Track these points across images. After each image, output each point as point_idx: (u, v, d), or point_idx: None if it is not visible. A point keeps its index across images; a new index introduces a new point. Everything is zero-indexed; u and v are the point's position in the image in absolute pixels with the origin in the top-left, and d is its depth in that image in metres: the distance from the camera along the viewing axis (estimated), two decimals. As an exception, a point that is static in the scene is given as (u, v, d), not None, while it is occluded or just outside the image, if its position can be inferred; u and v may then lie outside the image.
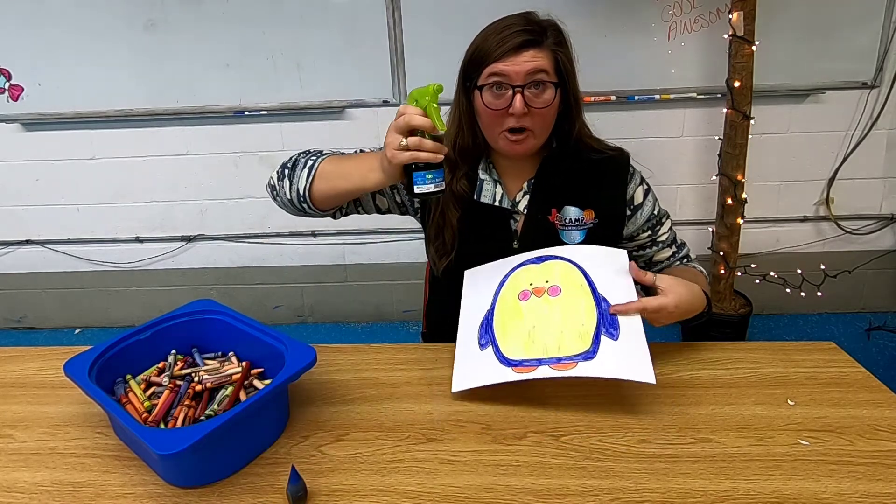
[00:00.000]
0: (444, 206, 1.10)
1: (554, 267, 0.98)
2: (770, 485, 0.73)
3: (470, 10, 2.11)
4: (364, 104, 2.32)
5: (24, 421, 0.91)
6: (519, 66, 0.97)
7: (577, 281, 0.95)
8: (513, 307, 0.96)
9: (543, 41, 0.98)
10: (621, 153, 1.13)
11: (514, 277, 1.00)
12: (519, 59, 0.97)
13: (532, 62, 0.97)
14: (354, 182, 0.97)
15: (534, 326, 0.92)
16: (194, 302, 1.01)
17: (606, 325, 0.89)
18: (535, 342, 0.90)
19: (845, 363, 0.98)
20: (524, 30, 0.97)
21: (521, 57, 0.97)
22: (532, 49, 0.97)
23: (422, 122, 0.84)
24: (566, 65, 1.00)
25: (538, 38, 0.98)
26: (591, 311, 0.92)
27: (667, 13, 2.13)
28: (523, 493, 0.73)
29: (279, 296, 2.68)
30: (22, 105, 2.34)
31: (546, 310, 0.93)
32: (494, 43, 0.98)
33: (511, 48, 0.97)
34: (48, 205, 2.54)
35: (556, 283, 0.96)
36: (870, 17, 2.13)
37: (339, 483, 0.76)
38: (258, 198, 2.51)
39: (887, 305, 2.58)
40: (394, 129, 0.87)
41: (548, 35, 0.99)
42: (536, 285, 0.97)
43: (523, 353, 0.90)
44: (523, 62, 0.97)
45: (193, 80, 2.29)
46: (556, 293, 0.95)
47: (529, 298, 0.96)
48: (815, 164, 2.38)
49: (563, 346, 0.89)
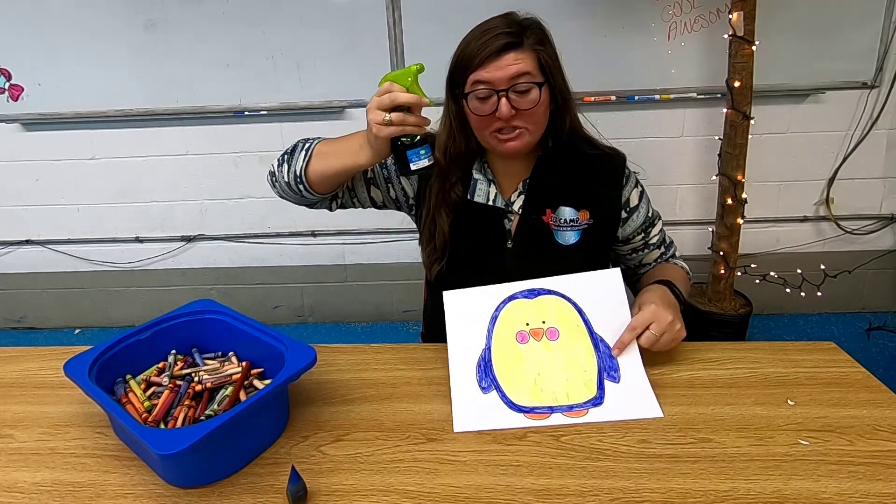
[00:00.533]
0: (436, 212, 1.10)
1: (548, 304, 0.97)
2: (770, 485, 0.73)
3: (470, 10, 2.09)
4: (364, 104, 2.28)
5: (24, 421, 0.91)
6: (501, 70, 0.96)
7: (574, 321, 0.96)
8: (512, 351, 0.95)
9: (524, 42, 0.98)
10: (617, 153, 1.13)
11: (506, 313, 0.98)
12: (501, 64, 0.97)
13: (514, 65, 0.97)
14: (347, 160, 0.98)
15: (539, 374, 0.92)
16: (194, 302, 1.01)
17: (607, 368, 0.92)
18: (544, 390, 0.91)
19: (845, 363, 0.98)
20: (504, 32, 0.97)
21: (502, 61, 0.97)
22: (513, 51, 0.97)
23: (408, 98, 0.86)
24: (549, 62, 1.00)
25: (518, 40, 0.98)
26: (591, 357, 0.93)
27: (667, 13, 2.13)
28: (523, 493, 0.73)
29: (279, 296, 2.68)
30: (22, 105, 2.34)
31: (547, 356, 0.94)
32: (475, 49, 0.98)
33: (492, 53, 0.96)
34: (48, 205, 2.54)
35: (554, 324, 0.96)
36: (870, 17, 2.13)
37: (339, 483, 0.76)
38: (258, 198, 2.51)
39: (887, 305, 2.58)
40: (376, 106, 0.87)
41: (528, 35, 0.99)
42: (533, 326, 0.96)
43: (532, 400, 0.90)
44: (505, 66, 0.96)
45: (193, 80, 2.29)
46: (555, 337, 0.95)
47: (528, 342, 0.95)
48: (815, 164, 2.38)
49: (571, 394, 0.90)
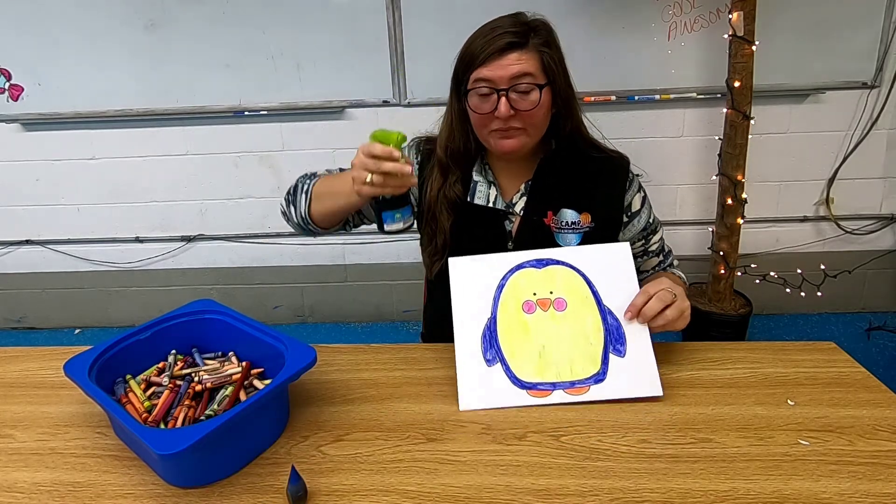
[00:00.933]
0: (437, 210, 1.10)
1: (556, 274, 0.96)
2: (770, 485, 0.73)
3: (470, 11, 2.11)
4: (364, 104, 2.32)
5: (24, 421, 0.91)
6: (503, 69, 0.96)
7: (582, 292, 0.95)
8: (518, 321, 0.94)
9: (529, 42, 0.98)
10: (621, 156, 1.13)
11: (513, 282, 0.97)
12: (503, 63, 0.96)
13: (516, 65, 0.96)
14: (341, 201, 1.00)
15: (544, 346, 0.92)
16: (194, 302, 1.00)
17: (613, 341, 0.91)
18: (548, 364, 0.91)
19: (845, 363, 0.98)
20: (509, 31, 0.97)
21: (504, 60, 0.96)
22: (516, 51, 0.97)
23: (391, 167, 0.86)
24: (552, 65, 0.99)
25: (522, 40, 0.97)
26: (598, 329, 0.92)
27: (667, 13, 2.13)
28: (523, 493, 0.73)
29: (279, 296, 2.68)
30: (22, 105, 2.34)
31: (554, 327, 0.93)
32: (479, 47, 0.98)
33: (495, 51, 0.96)
34: (48, 205, 2.54)
35: (561, 294, 0.95)
36: (870, 17, 2.13)
37: (339, 483, 0.76)
38: (258, 198, 2.51)
39: (887, 305, 2.58)
40: (360, 166, 0.89)
41: (533, 36, 0.99)
42: (541, 296, 0.95)
43: (536, 376, 0.90)
44: (507, 66, 0.96)
45: (193, 80, 2.29)
46: (562, 307, 0.94)
47: (535, 312, 0.94)
48: (815, 164, 2.38)
49: (574, 368, 0.90)
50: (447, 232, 1.10)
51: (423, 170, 1.14)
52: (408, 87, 2.26)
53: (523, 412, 0.88)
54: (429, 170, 1.13)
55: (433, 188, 1.11)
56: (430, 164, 1.13)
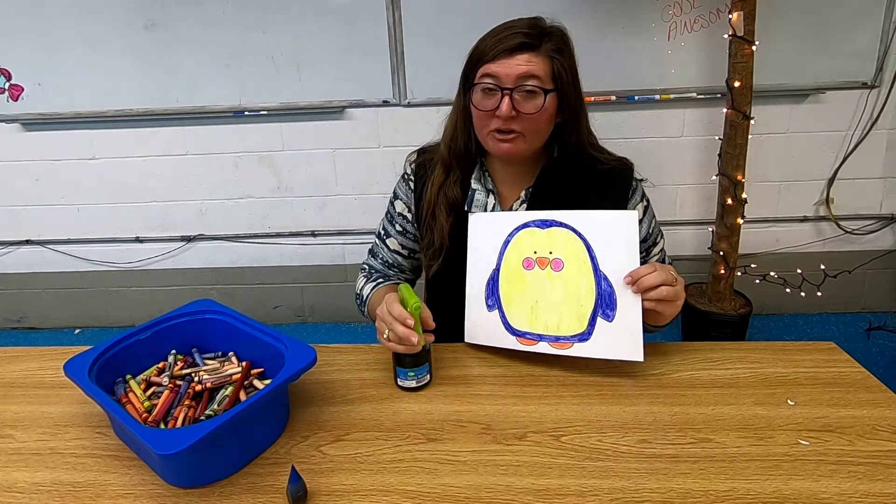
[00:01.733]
0: (436, 207, 1.10)
1: (558, 235, 0.98)
2: (770, 485, 0.73)
3: (470, 11, 2.12)
4: (364, 104, 2.32)
5: (24, 421, 0.91)
6: (510, 68, 0.96)
7: (580, 255, 0.96)
8: (517, 275, 0.99)
9: (541, 46, 0.97)
10: (624, 164, 1.11)
11: (518, 239, 1.00)
12: (511, 62, 0.96)
13: (524, 66, 0.96)
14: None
15: (536, 301, 0.97)
16: (194, 302, 1.01)
17: (604, 306, 0.94)
18: (538, 318, 0.97)
19: (845, 363, 0.98)
20: (522, 32, 0.97)
21: (513, 59, 0.96)
22: (527, 53, 0.96)
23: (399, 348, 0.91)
24: (563, 72, 0.99)
25: (535, 43, 0.97)
26: (591, 292, 0.95)
27: (667, 13, 2.13)
28: (523, 493, 0.73)
29: (279, 296, 2.68)
30: (22, 105, 2.34)
31: (548, 285, 0.97)
32: (491, 43, 0.98)
33: (505, 49, 0.96)
34: (48, 205, 2.54)
35: (560, 255, 0.97)
36: (870, 17, 2.13)
37: (339, 483, 0.76)
38: (258, 198, 2.51)
39: (887, 305, 2.58)
40: (380, 318, 0.94)
41: (547, 41, 0.98)
42: (540, 255, 0.98)
43: (526, 326, 0.97)
44: (515, 65, 0.96)
45: (193, 80, 2.29)
46: (559, 268, 0.97)
47: (533, 269, 0.98)
48: (815, 164, 2.38)
49: (562, 325, 0.95)
50: (445, 234, 1.10)
51: (419, 182, 1.15)
52: (408, 87, 2.26)
53: (523, 411, 0.88)
54: (429, 173, 1.13)
55: (434, 185, 1.11)
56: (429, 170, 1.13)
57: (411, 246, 1.20)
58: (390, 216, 1.21)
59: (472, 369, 0.99)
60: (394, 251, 1.20)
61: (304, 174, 2.46)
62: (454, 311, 1.04)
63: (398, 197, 1.19)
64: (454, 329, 1.06)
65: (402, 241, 1.19)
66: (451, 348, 1.05)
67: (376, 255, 1.23)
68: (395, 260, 1.21)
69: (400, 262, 1.21)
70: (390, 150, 2.39)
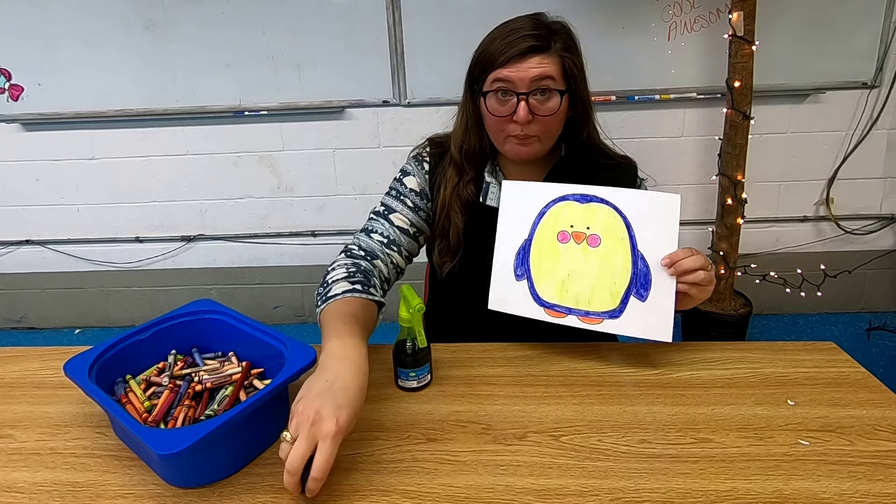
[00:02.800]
0: (450, 209, 1.09)
1: (598, 211, 0.96)
2: (770, 485, 0.73)
3: (470, 11, 2.11)
4: (364, 104, 2.32)
5: (24, 421, 0.91)
6: (524, 72, 0.95)
7: (619, 233, 0.95)
8: (550, 247, 0.97)
9: (551, 46, 0.96)
10: (629, 161, 1.12)
11: (554, 212, 0.98)
12: (524, 66, 0.95)
13: (538, 69, 0.95)
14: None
15: (568, 274, 0.96)
16: (194, 302, 1.00)
17: (638, 285, 0.93)
18: (569, 291, 0.96)
19: (845, 363, 0.98)
20: (531, 34, 0.95)
21: (526, 63, 0.95)
22: (539, 55, 0.95)
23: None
24: (574, 70, 0.98)
25: (545, 44, 0.96)
26: (626, 271, 0.94)
27: (667, 13, 2.13)
28: (523, 493, 0.73)
29: (279, 296, 2.68)
30: (22, 105, 2.34)
31: (583, 260, 0.96)
32: (500, 48, 0.96)
33: (517, 53, 0.95)
34: (48, 205, 2.54)
35: (598, 231, 0.96)
36: (870, 17, 2.13)
37: (339, 483, 0.76)
38: (258, 198, 2.51)
39: (887, 305, 2.58)
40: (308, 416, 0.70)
41: (556, 40, 0.97)
42: (577, 229, 0.97)
43: (556, 298, 0.96)
44: (528, 69, 0.95)
45: (193, 80, 2.29)
46: (596, 244, 0.96)
47: (568, 242, 0.97)
48: (815, 164, 2.38)
49: (593, 301, 0.95)
50: (460, 231, 1.09)
51: (435, 173, 1.13)
52: (408, 87, 2.26)
53: (523, 411, 0.88)
54: (441, 169, 1.12)
55: (448, 186, 1.10)
56: (443, 164, 1.12)
57: (419, 225, 1.12)
58: (397, 192, 1.12)
59: (472, 369, 0.99)
60: (398, 227, 1.10)
61: (304, 174, 2.46)
62: (464, 312, 1.04)
63: (408, 174, 1.13)
64: (463, 330, 1.06)
65: (411, 218, 1.11)
66: (451, 348, 1.05)
67: (373, 231, 1.09)
68: (398, 237, 1.10)
69: (402, 240, 1.10)
70: (390, 150, 2.39)
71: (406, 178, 1.14)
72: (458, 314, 1.04)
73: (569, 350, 1.03)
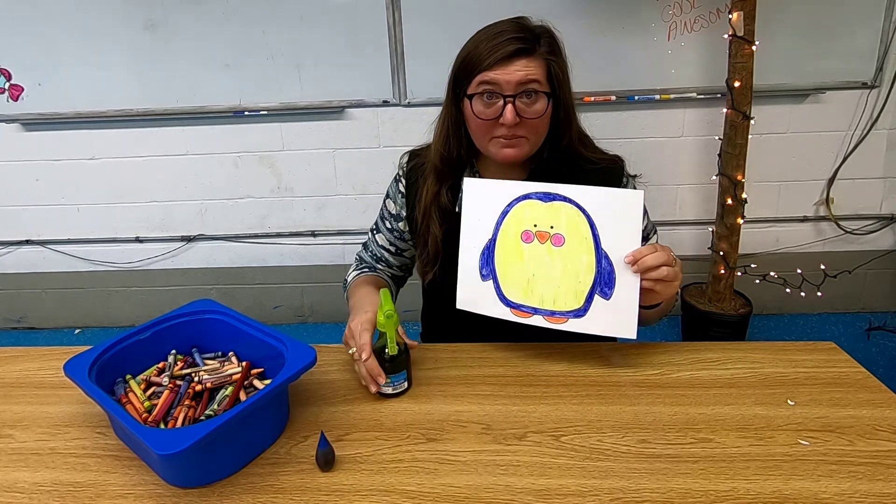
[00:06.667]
0: (429, 219, 1.09)
1: (561, 210, 0.95)
2: (770, 485, 0.73)
3: (470, 11, 2.12)
4: (364, 104, 2.32)
5: (24, 421, 0.91)
6: (510, 74, 0.95)
7: (582, 232, 0.94)
8: (514, 247, 0.97)
9: (536, 49, 0.96)
10: (615, 163, 1.10)
11: (517, 211, 0.97)
12: (510, 68, 0.95)
13: (524, 71, 0.95)
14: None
15: (533, 274, 0.96)
16: (194, 302, 1.01)
17: (602, 284, 0.93)
18: (534, 291, 0.96)
19: (845, 363, 0.98)
20: (516, 37, 0.95)
21: (512, 66, 0.95)
22: (524, 58, 0.95)
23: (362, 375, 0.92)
24: (558, 74, 0.98)
25: (530, 47, 0.96)
26: (590, 270, 0.94)
27: (667, 13, 2.13)
28: (523, 493, 0.73)
29: (279, 296, 2.68)
30: (22, 105, 2.34)
31: (547, 260, 0.95)
32: (486, 51, 0.96)
33: (503, 56, 0.94)
34: (48, 205, 2.54)
35: (561, 231, 0.95)
36: (870, 17, 2.13)
37: (339, 483, 0.76)
38: (258, 198, 2.51)
39: (887, 305, 2.58)
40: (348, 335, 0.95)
41: (541, 43, 0.97)
42: (541, 229, 0.96)
43: (521, 298, 0.96)
44: (515, 71, 0.95)
45: (193, 80, 2.29)
46: (560, 243, 0.95)
47: (532, 242, 0.96)
48: (815, 164, 2.38)
49: (558, 300, 0.95)
50: (438, 241, 1.09)
51: (413, 187, 1.14)
52: (408, 87, 2.26)
53: (523, 411, 0.88)
54: (421, 180, 1.12)
55: (428, 194, 1.09)
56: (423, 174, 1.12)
57: (398, 245, 1.21)
58: (381, 213, 1.22)
59: (472, 369, 0.99)
60: (381, 247, 1.22)
61: (304, 174, 2.46)
62: (451, 318, 1.03)
63: (389, 196, 1.20)
64: (451, 335, 1.06)
65: (390, 238, 1.20)
66: (451, 348, 1.05)
67: (367, 247, 1.25)
68: (382, 255, 1.22)
69: (386, 257, 1.22)
70: (390, 150, 2.39)
71: (387, 200, 1.21)
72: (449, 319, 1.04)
73: (569, 350, 1.03)
